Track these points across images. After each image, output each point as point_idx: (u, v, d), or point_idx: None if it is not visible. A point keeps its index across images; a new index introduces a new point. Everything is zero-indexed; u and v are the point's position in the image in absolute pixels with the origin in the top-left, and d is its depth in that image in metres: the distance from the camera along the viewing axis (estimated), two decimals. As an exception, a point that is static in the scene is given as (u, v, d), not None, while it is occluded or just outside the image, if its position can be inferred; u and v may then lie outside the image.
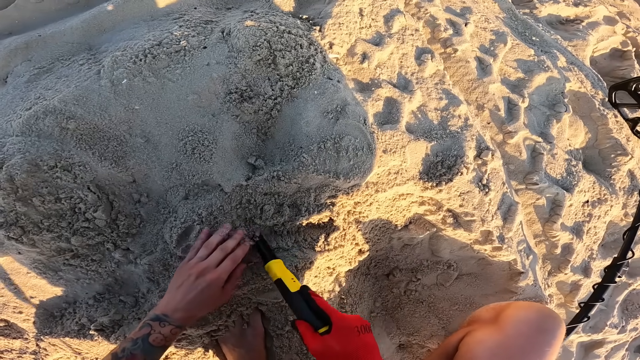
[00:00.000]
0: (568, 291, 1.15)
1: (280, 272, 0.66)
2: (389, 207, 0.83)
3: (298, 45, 0.73)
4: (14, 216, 0.65)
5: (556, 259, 1.11)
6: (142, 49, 0.67)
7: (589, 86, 1.21)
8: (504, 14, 1.27)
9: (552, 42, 1.30)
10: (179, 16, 0.81)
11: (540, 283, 1.03)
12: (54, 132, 0.64)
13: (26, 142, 0.62)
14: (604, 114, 1.18)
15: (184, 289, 0.62)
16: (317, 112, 0.71)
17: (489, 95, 0.98)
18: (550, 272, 1.13)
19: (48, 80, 0.73)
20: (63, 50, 0.78)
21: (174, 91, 0.69)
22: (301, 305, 0.60)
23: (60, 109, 0.63)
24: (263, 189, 0.70)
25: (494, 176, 0.91)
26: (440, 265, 1.01)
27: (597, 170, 1.25)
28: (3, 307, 0.81)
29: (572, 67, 1.25)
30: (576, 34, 1.47)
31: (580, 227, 1.13)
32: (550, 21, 1.55)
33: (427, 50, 0.92)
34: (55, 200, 0.65)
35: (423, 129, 0.82)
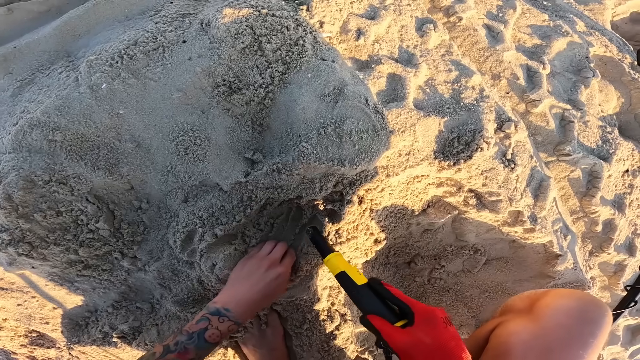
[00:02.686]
0: (612, 272, 0.98)
1: (342, 264, 0.57)
2: (403, 192, 0.70)
3: (284, 28, 0.62)
4: (19, 233, 0.59)
5: (597, 238, 0.94)
6: (117, 50, 0.59)
7: (615, 50, 1.00)
8: None
9: (567, 7, 1.10)
10: (154, 13, 0.72)
11: (581, 266, 0.86)
12: (42, 146, 0.57)
13: (18, 159, 0.56)
14: (635, 78, 0.97)
15: (252, 280, 0.56)
16: (314, 96, 0.59)
17: (505, 64, 0.81)
18: (592, 253, 0.95)
19: (31, 93, 0.66)
20: (41, 60, 0.71)
21: (158, 91, 0.60)
22: (370, 298, 0.51)
23: (44, 121, 0.56)
24: (264, 184, 0.60)
25: (520, 149, 0.74)
26: (465, 250, 0.86)
27: (634, 136, 1.04)
28: (30, 318, 0.77)
29: (593, 31, 1.04)
30: None
31: (621, 200, 0.94)
32: None
33: (429, 20, 0.77)
34: (56, 215, 0.59)
35: (433, 104, 0.68)
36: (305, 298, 0.73)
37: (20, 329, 0.83)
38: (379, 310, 0.49)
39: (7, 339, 0.83)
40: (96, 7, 0.71)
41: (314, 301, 0.75)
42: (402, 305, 0.48)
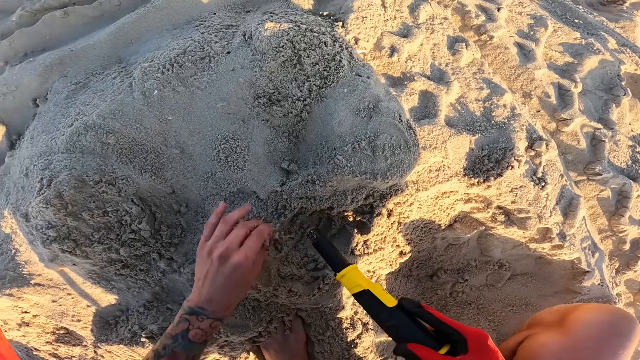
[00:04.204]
0: (638, 289, 0.99)
1: (364, 280, 0.51)
2: (431, 206, 0.72)
3: (322, 43, 0.66)
4: (66, 230, 0.64)
5: (624, 256, 0.94)
6: (168, 58, 0.64)
7: None
8: None
9: (598, 24, 1.11)
10: (199, 23, 0.77)
11: (607, 282, 0.87)
12: (95, 148, 0.62)
13: (71, 159, 0.61)
14: None
15: (209, 278, 0.51)
16: (349, 110, 0.62)
17: (536, 82, 0.83)
18: (619, 270, 0.96)
19: (85, 96, 0.72)
20: (96, 64, 0.78)
21: (203, 99, 0.65)
22: (406, 324, 0.46)
23: (99, 124, 0.61)
24: (298, 194, 0.63)
25: (550, 168, 0.76)
26: (490, 265, 0.88)
27: None
28: (62, 315, 0.81)
29: (624, 48, 1.05)
30: (621, 15, 1.26)
31: None
32: (590, 3, 1.34)
33: (461, 38, 0.80)
34: (103, 214, 0.63)
35: (464, 122, 0.70)
36: (330, 305, 0.76)
37: (49, 326, 0.86)
38: (421, 337, 0.45)
39: (34, 335, 0.86)
40: (147, 15, 0.77)
41: (339, 309, 0.77)
42: (451, 331, 0.44)
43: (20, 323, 0.85)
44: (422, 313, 0.47)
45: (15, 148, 0.79)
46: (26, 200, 0.68)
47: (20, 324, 0.85)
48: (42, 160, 0.65)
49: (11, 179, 0.75)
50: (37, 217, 0.64)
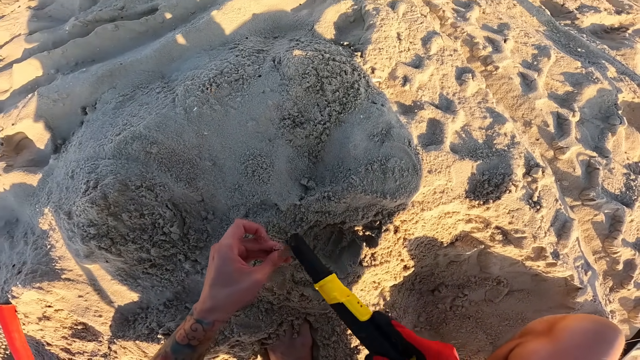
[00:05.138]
0: (632, 307, 1.06)
1: (340, 293, 0.53)
2: (434, 225, 0.80)
3: (343, 72, 0.75)
4: (105, 229, 0.72)
5: (618, 275, 1.02)
6: (207, 78, 0.73)
7: None
8: (544, 27, 1.19)
9: (599, 53, 1.20)
10: (234, 46, 0.87)
11: (600, 299, 0.94)
12: (139, 156, 0.71)
13: (117, 165, 0.70)
14: None
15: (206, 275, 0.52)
16: (364, 135, 0.72)
17: (536, 111, 0.92)
18: (612, 288, 1.03)
19: (132, 107, 0.81)
20: (141, 79, 0.87)
21: (236, 118, 0.74)
22: (375, 337, 0.50)
23: (145, 135, 0.71)
24: (315, 208, 0.72)
25: (546, 193, 0.84)
26: (489, 281, 0.95)
27: None
28: (85, 310, 0.88)
29: (623, 77, 1.14)
30: (623, 42, 1.34)
31: None
32: (594, 31, 1.43)
33: (468, 69, 0.89)
34: (140, 216, 0.72)
35: (468, 149, 0.79)
36: (337, 312, 0.84)
37: (68, 321, 0.93)
38: (386, 351, 0.48)
39: (51, 330, 0.92)
40: (188, 34, 0.87)
41: (344, 315, 0.85)
42: (413, 349, 0.48)
43: (40, 317, 0.92)
44: (390, 330, 0.50)
45: (60, 152, 0.88)
46: (70, 199, 0.77)
47: (40, 318, 0.92)
48: (89, 164, 0.74)
49: (55, 179, 0.84)
50: (81, 216, 0.72)
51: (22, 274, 0.87)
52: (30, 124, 0.92)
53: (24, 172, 0.92)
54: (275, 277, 0.79)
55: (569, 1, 1.39)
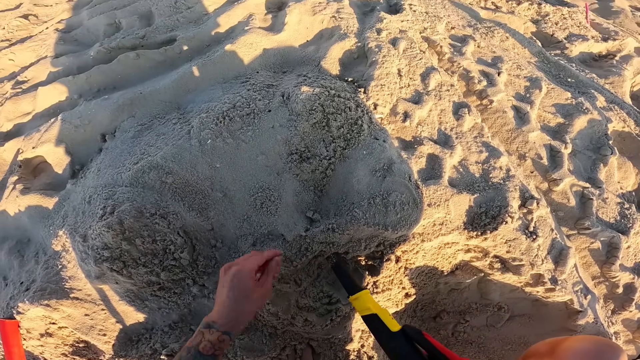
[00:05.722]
0: (635, 328, 1.08)
1: (373, 305, 0.58)
2: (434, 255, 0.85)
3: (347, 108, 0.81)
4: (118, 252, 0.76)
5: (619, 298, 1.06)
6: (221, 111, 0.79)
7: (633, 124, 1.15)
8: (536, 58, 1.26)
9: (589, 82, 1.26)
10: (245, 79, 0.93)
11: (602, 321, 0.97)
12: (155, 185, 0.76)
13: (133, 192, 0.75)
14: None
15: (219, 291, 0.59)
16: (367, 170, 0.77)
17: (530, 144, 0.98)
18: (614, 311, 1.07)
19: (149, 137, 0.87)
20: (159, 109, 0.93)
21: (247, 151, 0.80)
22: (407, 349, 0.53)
23: (161, 165, 0.76)
24: (319, 239, 0.77)
25: (541, 223, 0.89)
26: (490, 307, 0.98)
27: None
28: (90, 329, 0.91)
29: (613, 106, 1.20)
30: (611, 70, 1.41)
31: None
32: (583, 59, 1.50)
33: (464, 104, 0.95)
34: (152, 242, 0.76)
35: (465, 183, 0.85)
36: (340, 337, 0.87)
37: (70, 338, 0.95)
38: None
39: (52, 346, 0.94)
40: (203, 67, 0.94)
41: (347, 341, 0.89)
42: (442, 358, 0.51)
43: (43, 333, 0.94)
44: (421, 340, 0.54)
45: (78, 177, 0.93)
46: (86, 223, 0.82)
47: (42, 334, 0.94)
48: (106, 190, 0.80)
49: (71, 204, 0.89)
50: (96, 239, 0.77)
51: (30, 291, 0.91)
52: (51, 149, 0.98)
53: (41, 194, 0.97)
54: (280, 303, 0.83)
55: (558, 31, 1.46)
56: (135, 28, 1.28)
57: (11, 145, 1.07)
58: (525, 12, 1.54)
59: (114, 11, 1.42)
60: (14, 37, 1.58)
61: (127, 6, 1.42)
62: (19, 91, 1.20)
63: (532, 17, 1.54)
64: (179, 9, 1.29)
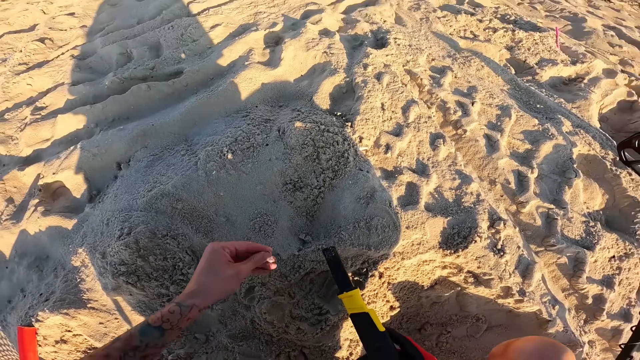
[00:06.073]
0: (610, 336, 1.14)
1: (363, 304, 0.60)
2: (414, 271, 0.97)
3: (335, 142, 0.94)
4: (133, 268, 0.88)
5: (589, 309, 1.13)
6: (224, 144, 0.91)
7: (598, 147, 1.26)
8: (508, 86, 1.38)
9: (556, 107, 1.35)
10: (246, 114, 1.06)
11: (573, 329, 1.05)
12: (167, 210, 0.88)
13: (147, 216, 0.87)
14: (617, 174, 1.21)
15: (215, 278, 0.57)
16: (352, 198, 0.89)
17: (499, 170, 1.10)
18: (587, 320, 1.14)
19: (160, 167, 0.98)
20: (168, 140, 1.05)
21: (247, 181, 0.92)
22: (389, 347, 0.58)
23: (172, 193, 0.88)
24: (311, 258, 0.89)
25: (508, 242, 1.01)
26: (469, 318, 1.08)
27: (621, 228, 1.25)
28: (103, 336, 1.01)
29: (579, 130, 1.29)
30: (578, 94, 1.49)
31: (610, 280, 1.15)
32: (553, 84, 1.58)
33: (440, 135, 1.08)
34: (163, 259, 0.88)
35: (440, 207, 0.97)
36: (329, 345, 0.98)
37: (83, 345, 1.04)
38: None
39: (65, 352, 1.03)
40: (208, 101, 1.06)
41: (337, 349, 1.00)
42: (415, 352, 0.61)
43: (58, 340, 1.04)
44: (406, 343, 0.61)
45: (95, 201, 1.05)
46: (105, 242, 0.93)
47: (57, 341, 1.04)
48: (123, 214, 0.91)
49: (90, 225, 1.01)
50: (115, 256, 0.89)
51: (50, 301, 1.02)
52: (70, 175, 1.10)
53: (61, 216, 1.09)
54: (275, 312, 0.95)
55: (530, 56, 1.57)
56: (146, 59, 1.41)
57: (31, 170, 1.18)
58: (501, 40, 1.66)
59: (125, 41, 1.55)
60: (31, 61, 1.70)
61: (137, 36, 1.55)
62: (38, 117, 1.32)
63: (507, 44, 1.65)
64: (185, 42, 1.42)
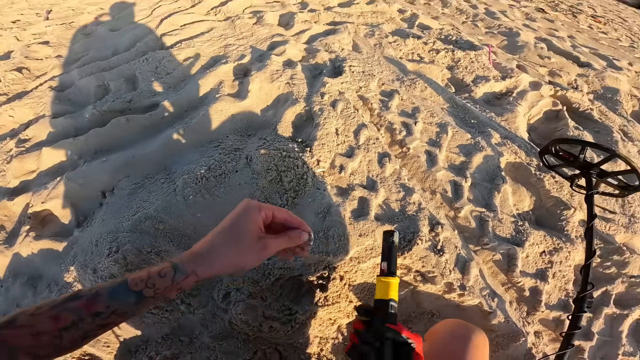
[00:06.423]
0: (554, 326, 1.24)
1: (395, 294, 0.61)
2: (371, 273, 1.15)
3: (295, 166, 1.11)
4: None
5: (528, 301, 1.25)
6: (199, 173, 1.07)
7: (524, 155, 1.50)
8: (447, 104, 1.59)
9: (487, 121, 1.58)
10: (217, 144, 1.22)
11: (515, 320, 1.16)
12: (150, 231, 1.02)
13: (133, 236, 1.01)
14: (540, 178, 1.44)
15: (237, 247, 0.46)
16: (312, 213, 1.07)
17: (438, 182, 1.31)
18: (528, 312, 1.25)
19: (142, 194, 1.13)
20: (149, 169, 1.19)
21: (220, 203, 1.08)
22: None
23: (154, 216, 1.03)
24: (279, 265, 1.05)
25: (447, 243, 1.21)
26: (425, 314, 1.21)
27: (550, 225, 1.44)
28: (96, 342, 1.10)
29: (506, 140, 1.52)
30: (507, 107, 1.70)
31: (544, 273, 1.29)
32: (487, 99, 1.78)
33: (386, 154, 1.28)
34: None
35: (387, 216, 1.16)
36: (301, 341, 1.14)
37: (78, 351, 1.11)
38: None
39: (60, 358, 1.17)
40: (184, 133, 1.21)
41: (307, 345, 1.16)
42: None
43: None
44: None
45: (83, 226, 1.17)
46: (95, 260, 1.06)
47: None
48: (111, 235, 1.05)
49: (80, 246, 1.13)
50: (105, 271, 1.02)
51: None
52: (59, 204, 1.22)
53: (52, 240, 1.21)
54: (250, 313, 1.10)
55: (467, 75, 1.79)
56: (122, 91, 1.54)
57: (20, 199, 1.29)
58: (443, 60, 1.89)
59: (102, 73, 1.67)
60: (10, 92, 1.79)
61: (113, 68, 1.69)
62: (23, 150, 1.42)
63: (448, 64, 1.88)
64: (160, 75, 1.56)
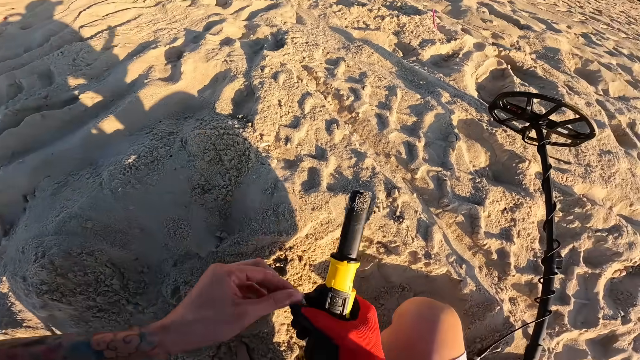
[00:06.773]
0: (528, 291, 1.17)
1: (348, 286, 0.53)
2: (332, 249, 1.10)
3: (235, 143, 1.03)
4: (55, 285, 0.90)
5: (497, 264, 1.18)
6: (127, 162, 0.97)
7: (474, 112, 1.51)
8: (395, 68, 1.58)
9: (436, 81, 1.58)
10: (149, 130, 1.11)
11: (487, 288, 1.10)
12: (77, 230, 0.91)
13: (59, 239, 0.90)
14: (492, 133, 1.45)
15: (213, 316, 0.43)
16: (258, 190, 1.00)
17: (391, 144, 1.28)
18: (500, 277, 1.18)
19: (66, 193, 1.01)
20: (72, 166, 1.06)
21: (155, 192, 0.98)
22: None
23: (79, 214, 0.92)
24: (229, 252, 0.98)
25: (406, 208, 1.18)
26: (395, 289, 1.15)
27: (507, 180, 1.43)
28: None
29: (456, 99, 1.51)
30: (454, 68, 1.73)
31: (508, 232, 1.24)
32: (434, 61, 1.81)
33: (334, 120, 1.23)
34: (83, 274, 0.91)
35: (341, 185, 1.11)
36: (266, 331, 1.08)
37: None
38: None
39: None
40: (109, 123, 1.09)
41: (274, 334, 1.10)
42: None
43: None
44: None
45: (10, 234, 1.04)
46: (23, 267, 0.95)
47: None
48: (36, 240, 0.94)
49: (9, 256, 1.01)
50: (34, 277, 0.91)
51: None
52: (-22, 215, 1.06)
53: (-20, 253, 1.05)
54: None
55: (413, 39, 1.81)
56: (37, 88, 1.37)
57: None
58: (389, 26, 1.88)
59: (12, 71, 1.49)
60: None
61: (24, 65, 1.50)
62: None
63: (394, 29, 1.88)
64: (78, 67, 1.41)
